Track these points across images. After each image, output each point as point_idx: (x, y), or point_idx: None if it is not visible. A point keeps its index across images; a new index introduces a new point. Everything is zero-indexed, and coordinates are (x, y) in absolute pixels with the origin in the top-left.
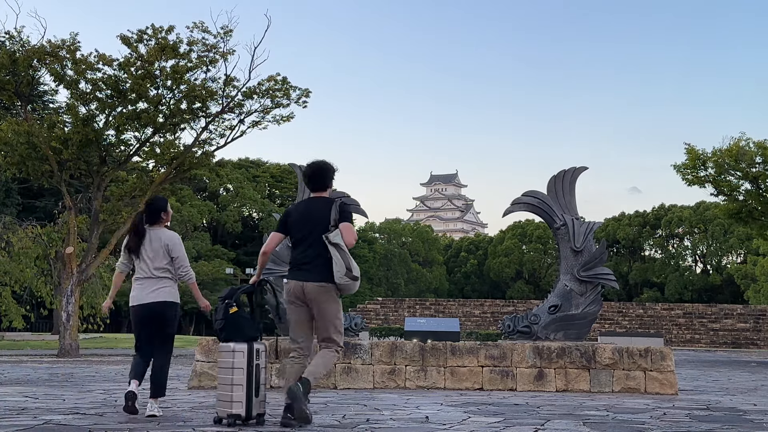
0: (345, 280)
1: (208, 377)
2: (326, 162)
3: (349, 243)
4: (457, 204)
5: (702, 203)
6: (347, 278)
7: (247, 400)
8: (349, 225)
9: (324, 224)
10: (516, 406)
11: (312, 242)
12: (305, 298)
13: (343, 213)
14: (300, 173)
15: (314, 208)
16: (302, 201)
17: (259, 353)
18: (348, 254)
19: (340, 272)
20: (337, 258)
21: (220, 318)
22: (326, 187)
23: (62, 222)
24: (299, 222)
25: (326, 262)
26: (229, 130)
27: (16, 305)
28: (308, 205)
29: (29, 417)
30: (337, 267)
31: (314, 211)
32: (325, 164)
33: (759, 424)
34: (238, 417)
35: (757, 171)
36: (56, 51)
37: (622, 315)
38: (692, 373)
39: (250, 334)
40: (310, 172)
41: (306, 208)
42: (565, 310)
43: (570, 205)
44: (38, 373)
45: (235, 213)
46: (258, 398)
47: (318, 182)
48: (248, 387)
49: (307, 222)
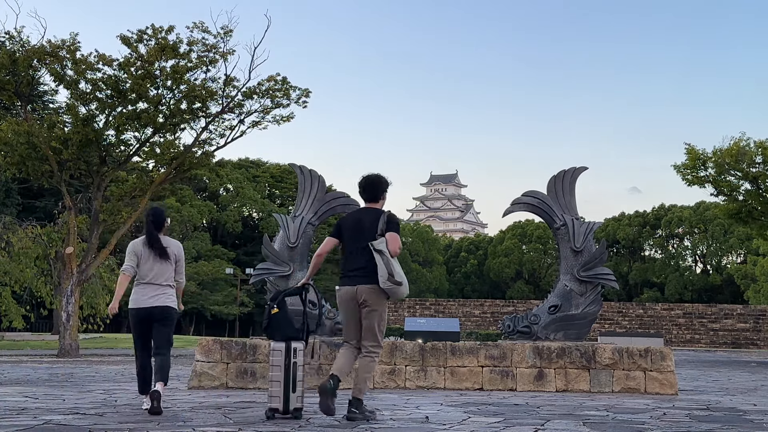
0: (388, 285)
1: (208, 377)
2: (380, 176)
3: (394, 251)
4: (457, 204)
5: (702, 203)
6: (390, 283)
7: (285, 395)
8: (395, 235)
9: (372, 233)
10: (516, 406)
11: (362, 250)
12: (357, 302)
13: (390, 223)
14: (300, 173)
15: (365, 218)
16: (355, 211)
17: (296, 352)
18: (391, 261)
19: (383, 277)
20: (381, 264)
21: (265, 318)
22: (378, 198)
23: (62, 222)
24: (351, 230)
25: (375, 268)
26: (229, 130)
27: (16, 305)
28: (360, 215)
29: (29, 417)
30: (380, 272)
31: (365, 220)
32: (379, 178)
33: (759, 424)
34: (276, 410)
35: (757, 171)
36: (56, 51)
37: (622, 315)
38: (692, 373)
39: (288, 334)
40: (365, 184)
41: (358, 217)
42: (565, 310)
43: (570, 205)
44: (38, 373)
45: (235, 213)
46: (295, 394)
47: (370, 194)
48: (285, 383)
49: (358, 231)
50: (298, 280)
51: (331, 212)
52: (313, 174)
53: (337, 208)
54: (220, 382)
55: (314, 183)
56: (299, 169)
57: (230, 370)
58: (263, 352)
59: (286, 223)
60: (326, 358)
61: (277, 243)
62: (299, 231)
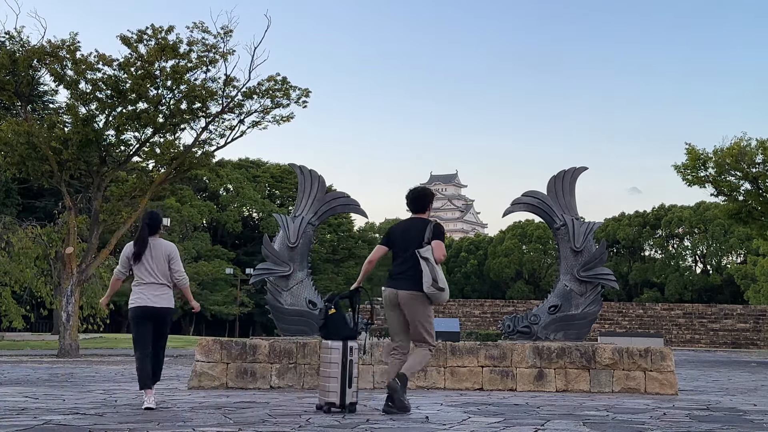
0: (431, 290)
1: (208, 377)
2: (427, 189)
3: (438, 258)
4: (457, 204)
5: (702, 203)
6: (433, 288)
7: (341, 391)
8: (440, 243)
9: (419, 241)
10: (516, 407)
11: (408, 256)
12: (399, 305)
13: (436, 232)
14: (300, 173)
15: (412, 227)
16: (404, 220)
17: (352, 350)
18: (436, 268)
19: (428, 283)
20: (426, 270)
21: (322, 318)
22: (425, 210)
23: (62, 222)
24: (399, 238)
25: (418, 274)
26: (229, 130)
27: (16, 305)
28: (408, 224)
29: (29, 417)
30: (425, 278)
31: (412, 229)
32: (425, 191)
33: (759, 425)
34: (333, 404)
35: (758, 171)
36: (56, 51)
37: (622, 315)
38: (692, 373)
39: (345, 334)
40: (413, 197)
41: (406, 226)
42: (565, 311)
43: (570, 205)
44: (38, 373)
45: (235, 213)
46: (351, 389)
47: (418, 205)
48: (342, 379)
49: (405, 239)
50: (299, 280)
51: (331, 212)
52: (313, 174)
53: (337, 208)
54: (220, 382)
55: (314, 183)
56: (299, 169)
57: (230, 370)
58: (263, 352)
59: (286, 223)
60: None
61: (277, 243)
62: (299, 231)
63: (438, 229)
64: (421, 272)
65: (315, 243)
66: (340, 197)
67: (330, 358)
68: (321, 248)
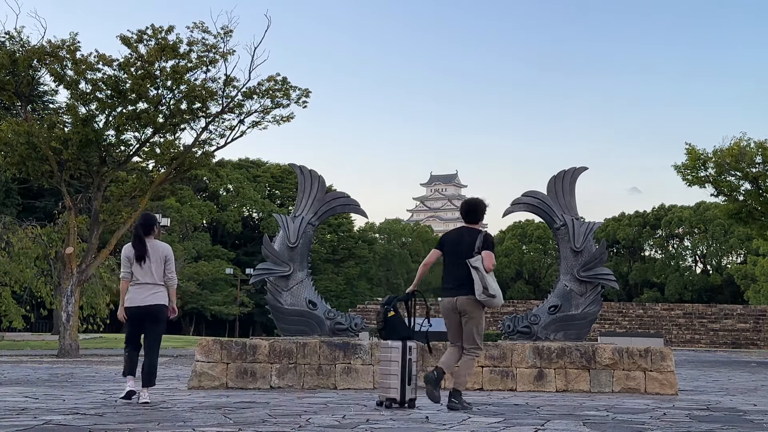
0: (483, 297)
1: (208, 377)
2: (480, 200)
3: (488, 268)
4: (457, 204)
5: (702, 203)
6: (485, 296)
7: (401, 388)
8: (490, 253)
9: (471, 250)
10: (516, 407)
11: (460, 265)
12: (457, 310)
13: (486, 242)
14: (300, 173)
15: (465, 237)
16: (457, 228)
17: (411, 350)
18: (486, 276)
19: (479, 291)
20: (477, 279)
21: (381, 320)
22: (478, 220)
23: (62, 222)
24: (452, 246)
25: (472, 282)
26: (229, 130)
27: (16, 305)
28: (460, 233)
29: (29, 417)
30: (476, 286)
31: (464, 239)
32: (478, 203)
33: (759, 425)
34: (393, 400)
35: (757, 171)
36: (56, 51)
37: (622, 315)
38: (692, 373)
39: (404, 334)
40: (467, 208)
41: (458, 235)
42: (565, 311)
43: (570, 205)
44: (38, 373)
45: (235, 213)
46: (410, 386)
47: (471, 216)
48: (402, 377)
49: (458, 248)
50: (299, 280)
51: (331, 212)
52: (313, 174)
53: (336, 208)
54: (220, 382)
55: (314, 183)
56: (299, 169)
57: (230, 370)
58: (263, 352)
59: (286, 223)
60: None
61: (277, 243)
62: (299, 231)
63: (488, 240)
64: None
65: (315, 243)
66: (340, 197)
67: (390, 357)
68: (321, 248)
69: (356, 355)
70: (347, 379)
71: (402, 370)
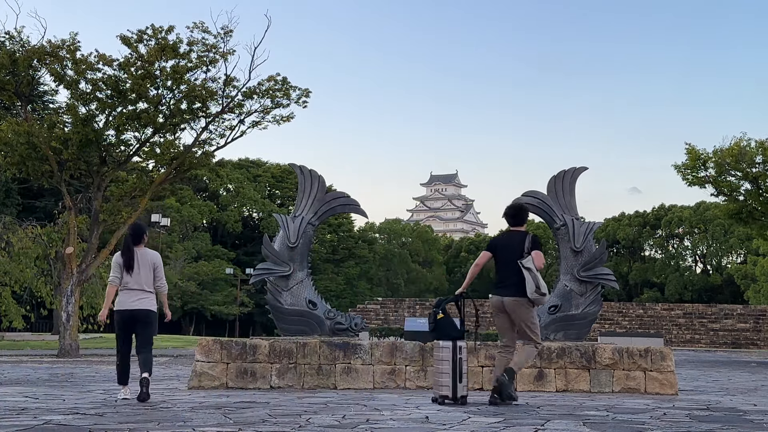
0: (534, 296)
1: (208, 377)
2: (523, 205)
3: (539, 266)
4: (457, 204)
5: (702, 203)
6: (537, 294)
7: (453, 385)
8: (539, 252)
9: (520, 252)
10: (516, 406)
11: (511, 266)
12: (505, 310)
13: (534, 243)
14: (300, 173)
15: (513, 240)
16: (505, 232)
17: (461, 349)
18: (538, 275)
19: (531, 289)
20: (529, 279)
21: (431, 322)
22: (523, 223)
23: (62, 222)
24: (502, 249)
25: (520, 282)
26: (229, 130)
27: (16, 305)
28: (509, 236)
29: (29, 417)
30: (528, 285)
31: (513, 241)
32: (522, 207)
33: (759, 425)
34: (446, 397)
35: (758, 171)
36: (56, 51)
37: (622, 315)
38: (692, 373)
39: (454, 335)
40: (513, 213)
41: (507, 239)
42: (565, 311)
43: (570, 205)
44: (38, 373)
45: (236, 213)
46: (461, 384)
47: (517, 219)
48: (453, 374)
49: (508, 250)
50: (299, 280)
51: (331, 212)
52: (313, 174)
53: (336, 208)
54: (220, 382)
55: (314, 183)
56: (299, 169)
57: (230, 370)
58: (263, 352)
59: (286, 223)
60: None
61: (277, 243)
62: (299, 231)
63: (536, 240)
64: (522, 280)
65: (315, 243)
66: (340, 197)
67: (441, 356)
68: (321, 248)
69: (356, 355)
70: (347, 379)
71: (453, 369)
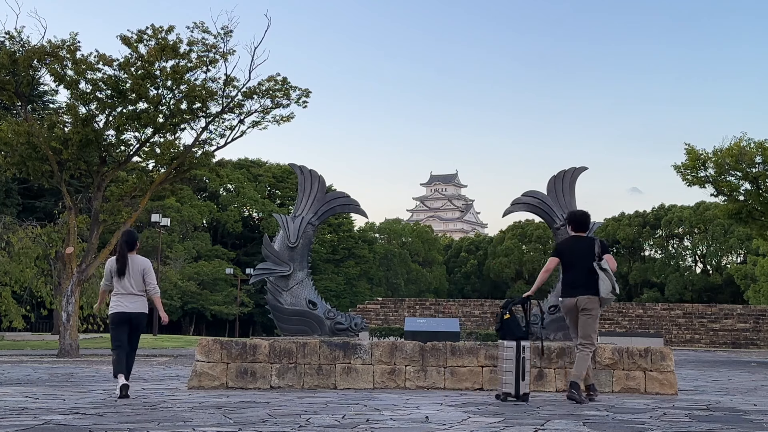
0: (608, 295)
1: (208, 377)
2: (586, 212)
3: (613, 268)
4: (457, 204)
5: (702, 203)
6: (612, 294)
7: (516, 382)
8: (611, 255)
9: (591, 256)
10: (516, 406)
11: (580, 269)
12: (577, 309)
13: (603, 247)
14: (300, 173)
15: (580, 244)
16: (570, 238)
17: (524, 349)
18: (612, 276)
19: (608, 289)
20: (606, 279)
21: (498, 322)
22: (587, 229)
23: (62, 222)
24: (570, 254)
25: (591, 282)
26: (229, 130)
27: (16, 305)
28: (575, 242)
29: (29, 417)
30: (604, 285)
31: (580, 246)
32: (585, 213)
33: (759, 424)
34: (509, 394)
35: (758, 171)
36: (56, 51)
37: (622, 315)
38: (692, 373)
39: (518, 335)
40: (579, 220)
41: (574, 244)
42: None
43: (570, 205)
44: (38, 373)
45: (236, 213)
46: (524, 381)
47: (580, 226)
48: (516, 373)
49: (576, 254)
50: (299, 280)
51: (331, 212)
52: (313, 174)
53: (336, 208)
54: (220, 382)
55: (314, 183)
56: (299, 169)
57: (230, 370)
58: (263, 352)
59: (286, 223)
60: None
61: (277, 243)
62: (299, 231)
63: (605, 244)
64: (594, 280)
65: (315, 243)
66: (340, 197)
67: (505, 355)
68: (321, 248)
69: (356, 354)
70: (347, 379)
71: (516, 367)
